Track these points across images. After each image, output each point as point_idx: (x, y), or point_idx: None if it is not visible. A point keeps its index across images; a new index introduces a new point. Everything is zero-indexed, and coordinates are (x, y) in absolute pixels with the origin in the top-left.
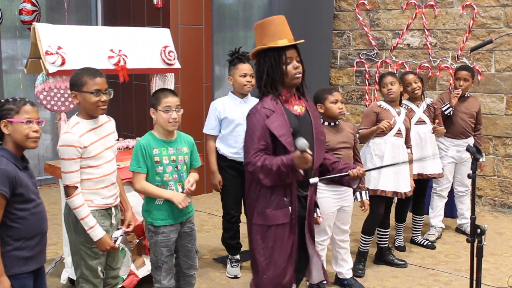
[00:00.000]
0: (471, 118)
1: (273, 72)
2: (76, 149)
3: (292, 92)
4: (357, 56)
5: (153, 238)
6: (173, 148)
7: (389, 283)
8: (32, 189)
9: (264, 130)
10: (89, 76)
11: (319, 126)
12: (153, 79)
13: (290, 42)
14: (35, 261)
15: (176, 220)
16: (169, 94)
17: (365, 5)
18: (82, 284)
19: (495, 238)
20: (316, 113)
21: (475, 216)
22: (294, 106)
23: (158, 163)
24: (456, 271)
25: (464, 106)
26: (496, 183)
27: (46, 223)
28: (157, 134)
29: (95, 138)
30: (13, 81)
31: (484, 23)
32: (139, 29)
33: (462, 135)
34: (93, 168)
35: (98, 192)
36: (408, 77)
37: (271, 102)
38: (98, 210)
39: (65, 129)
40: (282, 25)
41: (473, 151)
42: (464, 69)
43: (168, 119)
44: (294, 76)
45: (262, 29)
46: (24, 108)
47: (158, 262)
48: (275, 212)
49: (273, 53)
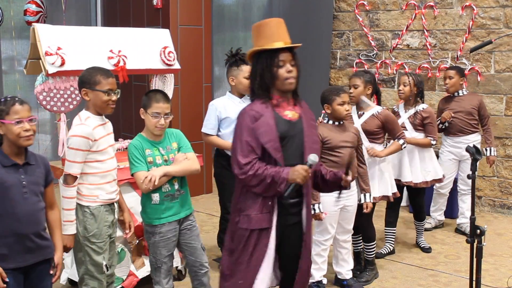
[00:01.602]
0: (467, 115)
1: (265, 75)
2: (88, 141)
3: (285, 97)
4: (356, 57)
5: (151, 238)
6: (163, 148)
7: (388, 283)
8: (16, 187)
9: (252, 133)
10: (102, 76)
11: (312, 135)
12: (153, 80)
13: (285, 45)
14: (13, 260)
15: (172, 218)
16: (160, 99)
17: (364, 5)
18: (87, 281)
19: (494, 238)
20: (312, 122)
21: (474, 217)
22: (285, 111)
23: (151, 163)
24: (456, 271)
25: (459, 105)
26: (496, 183)
27: (28, 225)
28: (146, 135)
29: (104, 133)
30: (13, 82)
31: (483, 24)
32: (138, 29)
33: (460, 132)
34: (100, 163)
35: (102, 187)
36: (400, 78)
37: (260, 106)
38: (104, 205)
39: (78, 121)
40: (279, 27)
41: (473, 152)
42: (450, 68)
43: (155, 124)
44: (286, 81)
45: (258, 31)
46: (13, 109)
47: (157, 263)
48: (260, 216)
49: (267, 55)
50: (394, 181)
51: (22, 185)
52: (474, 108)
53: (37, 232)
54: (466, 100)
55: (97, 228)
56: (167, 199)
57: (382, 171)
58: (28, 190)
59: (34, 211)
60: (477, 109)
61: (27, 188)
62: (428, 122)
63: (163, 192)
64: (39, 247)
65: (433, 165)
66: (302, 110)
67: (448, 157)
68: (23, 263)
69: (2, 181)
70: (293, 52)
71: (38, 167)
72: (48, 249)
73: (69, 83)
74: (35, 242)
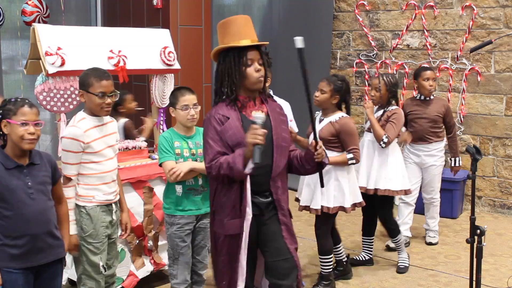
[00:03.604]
0: (430, 122)
1: (232, 74)
2: (79, 143)
3: (251, 97)
4: (356, 57)
5: (169, 230)
6: (192, 142)
7: (388, 283)
8: (21, 189)
9: (219, 136)
10: (95, 78)
11: (282, 131)
12: (153, 80)
13: (253, 42)
14: (23, 260)
15: (192, 212)
16: (186, 92)
17: (364, 6)
18: (85, 281)
19: (494, 239)
20: (281, 117)
21: (474, 217)
22: (252, 112)
23: (179, 155)
24: (456, 271)
25: (424, 111)
26: (496, 183)
27: (38, 226)
28: (177, 130)
29: (98, 135)
30: (13, 82)
31: (483, 24)
32: (138, 29)
33: (420, 140)
34: (95, 164)
35: (99, 188)
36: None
37: (226, 108)
38: (100, 206)
39: (71, 122)
40: (246, 25)
41: (473, 152)
42: (428, 69)
43: (187, 116)
44: (256, 80)
45: (224, 28)
46: (21, 110)
47: (175, 254)
48: (232, 222)
49: (234, 53)
50: (357, 190)
51: (28, 186)
52: (439, 115)
53: (48, 231)
54: (432, 106)
55: (94, 229)
56: (190, 192)
57: (339, 180)
58: (34, 191)
59: (43, 210)
60: (442, 116)
61: (33, 189)
62: (391, 120)
63: (186, 185)
64: (51, 247)
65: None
66: (269, 107)
67: (409, 161)
68: (34, 263)
69: (6, 184)
70: (260, 51)
71: (43, 166)
72: (60, 248)
73: (69, 83)
74: (47, 242)
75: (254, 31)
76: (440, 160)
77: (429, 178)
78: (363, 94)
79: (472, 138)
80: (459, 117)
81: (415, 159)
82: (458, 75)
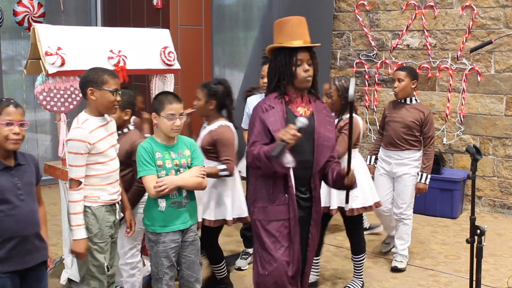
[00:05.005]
0: (404, 128)
1: (283, 72)
2: (85, 144)
3: (300, 94)
4: (356, 57)
5: (154, 248)
6: (175, 152)
7: (388, 283)
8: (11, 190)
9: (262, 124)
10: (110, 76)
11: (325, 131)
12: (153, 80)
13: (304, 44)
14: (12, 263)
15: (178, 227)
16: (173, 100)
17: (364, 6)
18: (89, 281)
19: (494, 239)
20: (327, 118)
21: (474, 217)
22: (298, 108)
23: (161, 167)
24: (456, 271)
25: (400, 115)
26: (496, 183)
27: (27, 227)
28: (158, 139)
29: (104, 134)
30: (13, 82)
31: (483, 24)
32: (138, 29)
33: (391, 146)
34: (101, 165)
35: (104, 188)
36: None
37: (273, 100)
38: (105, 206)
39: (75, 124)
40: (300, 26)
41: (473, 152)
42: (400, 69)
43: (171, 126)
44: (303, 79)
45: (279, 27)
46: (6, 110)
47: (159, 273)
48: (276, 208)
49: (285, 53)
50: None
51: (17, 188)
52: (414, 122)
53: (37, 232)
54: (410, 111)
55: (99, 229)
56: (173, 205)
57: (221, 193)
58: (23, 192)
59: (31, 211)
60: (419, 124)
61: (22, 190)
62: (343, 131)
63: (170, 198)
64: (38, 249)
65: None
66: (316, 107)
67: (380, 171)
68: (22, 266)
69: None
70: (311, 52)
71: (28, 166)
72: (44, 250)
73: (69, 83)
74: (35, 244)
75: (307, 32)
76: (414, 170)
77: (399, 189)
78: (363, 94)
79: (472, 138)
80: (459, 117)
81: (386, 168)
82: (458, 75)
